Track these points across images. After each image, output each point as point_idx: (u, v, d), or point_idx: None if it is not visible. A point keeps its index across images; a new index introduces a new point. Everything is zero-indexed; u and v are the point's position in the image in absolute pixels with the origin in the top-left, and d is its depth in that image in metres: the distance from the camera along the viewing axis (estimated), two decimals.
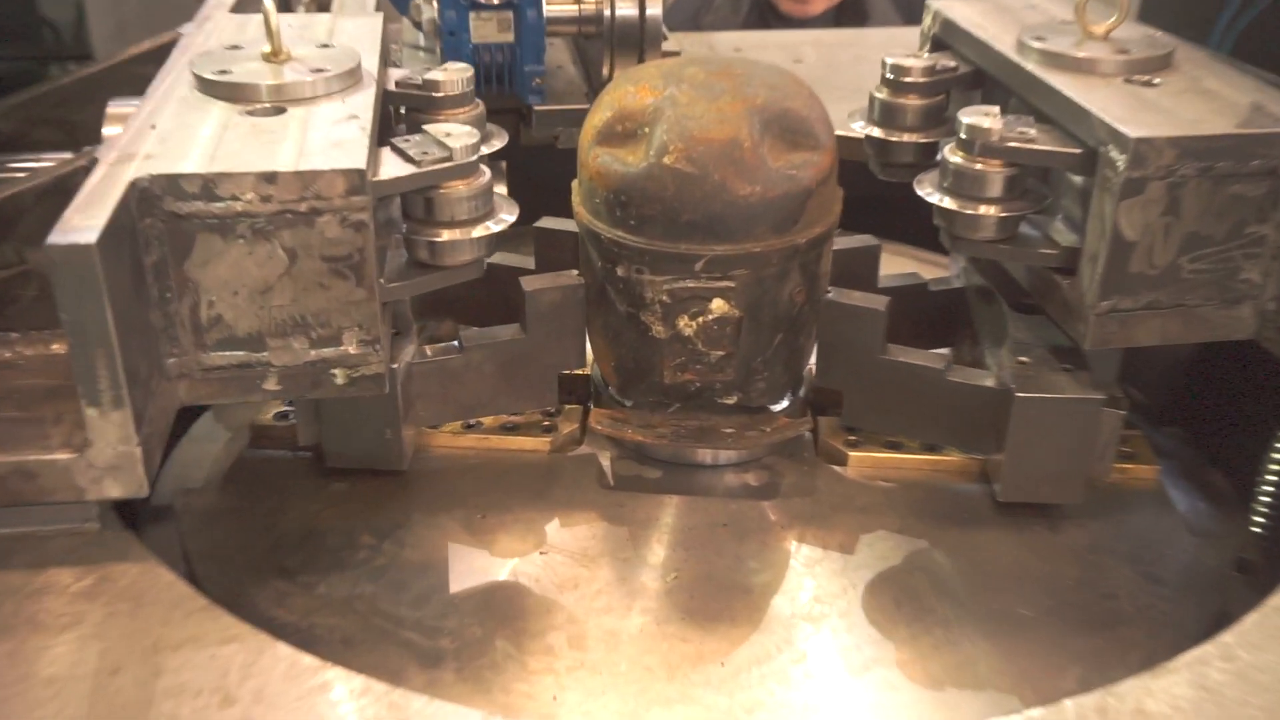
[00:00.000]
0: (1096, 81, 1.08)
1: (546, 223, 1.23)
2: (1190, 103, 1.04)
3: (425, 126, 1.03)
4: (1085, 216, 1.05)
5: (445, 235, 1.02)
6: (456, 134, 1.02)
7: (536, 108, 1.42)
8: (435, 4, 1.37)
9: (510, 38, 1.37)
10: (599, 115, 1.11)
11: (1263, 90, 1.07)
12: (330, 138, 0.95)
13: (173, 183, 0.89)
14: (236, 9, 1.34)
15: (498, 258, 1.27)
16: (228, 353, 0.96)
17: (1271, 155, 0.98)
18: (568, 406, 1.23)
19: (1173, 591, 1.07)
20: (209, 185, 0.89)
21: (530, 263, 1.25)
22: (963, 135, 1.06)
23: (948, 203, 1.08)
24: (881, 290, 1.21)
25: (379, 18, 1.26)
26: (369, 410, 1.10)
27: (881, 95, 1.26)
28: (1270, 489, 1.26)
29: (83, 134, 1.21)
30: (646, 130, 1.07)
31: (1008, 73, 1.17)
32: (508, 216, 1.05)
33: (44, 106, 1.25)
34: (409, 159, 0.99)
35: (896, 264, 1.51)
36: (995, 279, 1.24)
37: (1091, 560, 1.09)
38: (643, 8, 1.39)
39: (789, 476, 1.18)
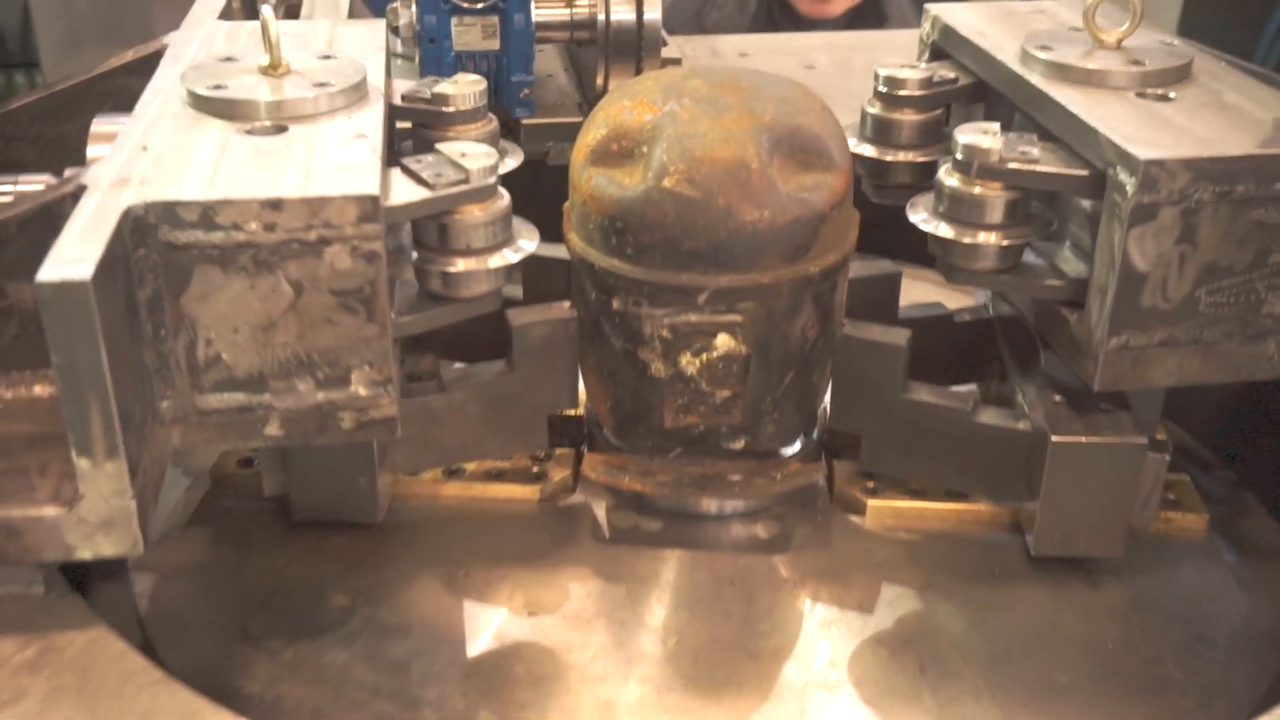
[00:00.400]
0: (1106, 96, 1.01)
1: (537, 249, 1.16)
2: (1208, 119, 0.97)
3: (439, 146, 0.97)
4: (1095, 244, 0.98)
5: (461, 265, 0.96)
6: (472, 154, 0.95)
7: (524, 121, 1.36)
8: (414, 8, 1.30)
9: (496, 45, 1.30)
10: (593, 133, 1.04)
11: None
12: (338, 160, 0.90)
13: (169, 210, 0.83)
14: (224, 15, 1.28)
15: None
16: (227, 395, 0.90)
17: None
18: (559, 451, 1.17)
19: (1225, 654, 1.01)
20: (208, 213, 0.83)
21: (518, 293, 1.18)
22: (959, 155, 0.99)
23: (944, 230, 1.01)
24: (902, 322, 1.14)
25: (381, 25, 1.20)
26: (341, 457, 1.04)
27: (874, 110, 1.18)
28: None
29: (61, 152, 1.15)
30: (645, 150, 1.00)
31: (1010, 85, 1.09)
32: (527, 244, 0.99)
33: (18, 122, 1.20)
34: (422, 182, 0.93)
35: (918, 290, 1.44)
36: (1027, 308, 1.17)
37: (1135, 620, 1.03)
38: (640, 12, 1.33)
39: (801, 528, 1.12)
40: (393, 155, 1.01)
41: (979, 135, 0.98)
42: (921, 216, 1.03)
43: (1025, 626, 1.02)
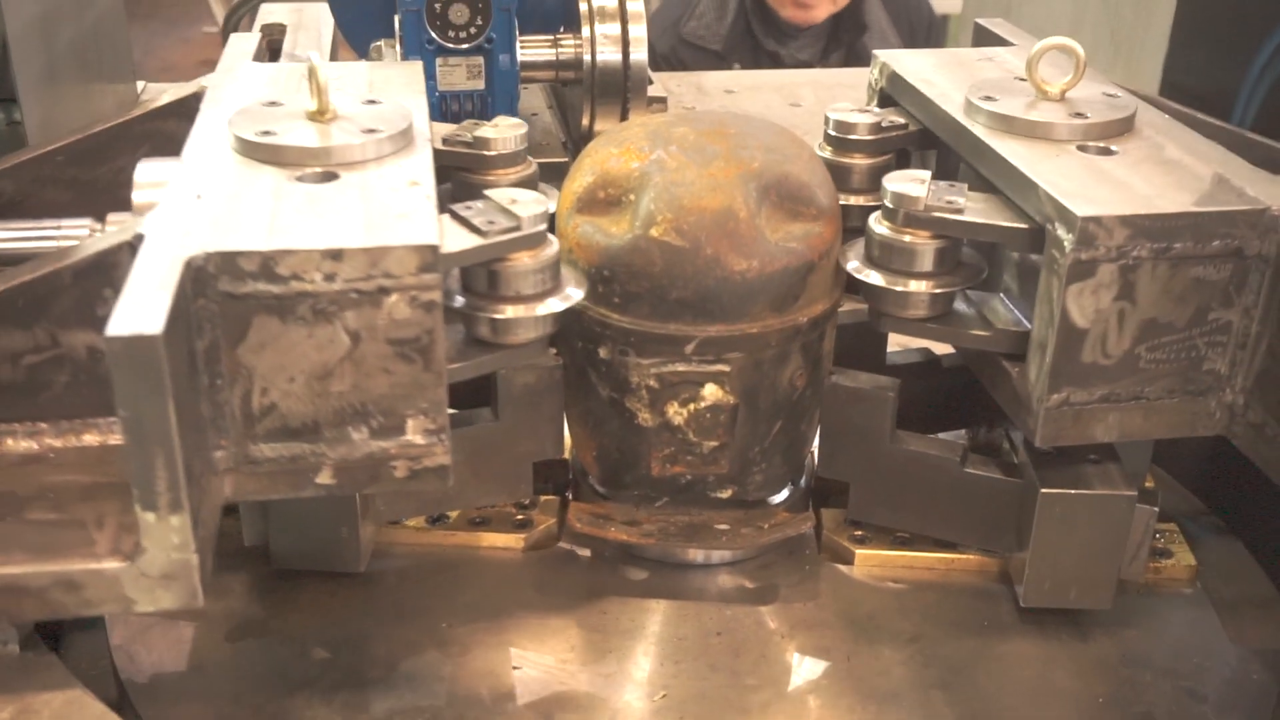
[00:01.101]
0: (1048, 148, 1.00)
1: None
2: (1148, 174, 0.96)
3: (488, 192, 0.97)
4: (1024, 293, 0.98)
5: (510, 311, 0.95)
6: (523, 200, 0.95)
7: None
8: (398, 48, 1.29)
9: (480, 85, 1.30)
10: (579, 180, 1.03)
11: (1229, 160, 0.99)
12: (394, 208, 0.89)
13: (230, 260, 0.82)
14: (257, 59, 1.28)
15: None
16: (280, 444, 0.89)
17: (1234, 235, 0.90)
18: (544, 498, 1.16)
19: (1215, 710, 1.00)
20: (269, 263, 0.82)
21: None
22: (888, 203, 0.99)
23: (874, 277, 1.01)
24: (890, 369, 1.14)
25: (418, 67, 1.19)
26: (322, 505, 1.03)
27: (825, 154, 1.17)
28: None
29: (94, 195, 1.13)
30: (632, 198, 1.00)
31: (954, 135, 1.09)
32: (575, 292, 0.98)
33: (53, 165, 1.17)
34: (474, 229, 0.92)
35: None
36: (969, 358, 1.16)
37: (1125, 674, 1.02)
38: (626, 53, 1.31)
39: (789, 578, 1.11)
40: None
41: (907, 183, 0.99)
42: (853, 264, 1.03)
43: (1015, 680, 1.02)
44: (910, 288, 1.00)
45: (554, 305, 0.96)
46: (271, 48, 1.52)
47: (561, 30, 1.35)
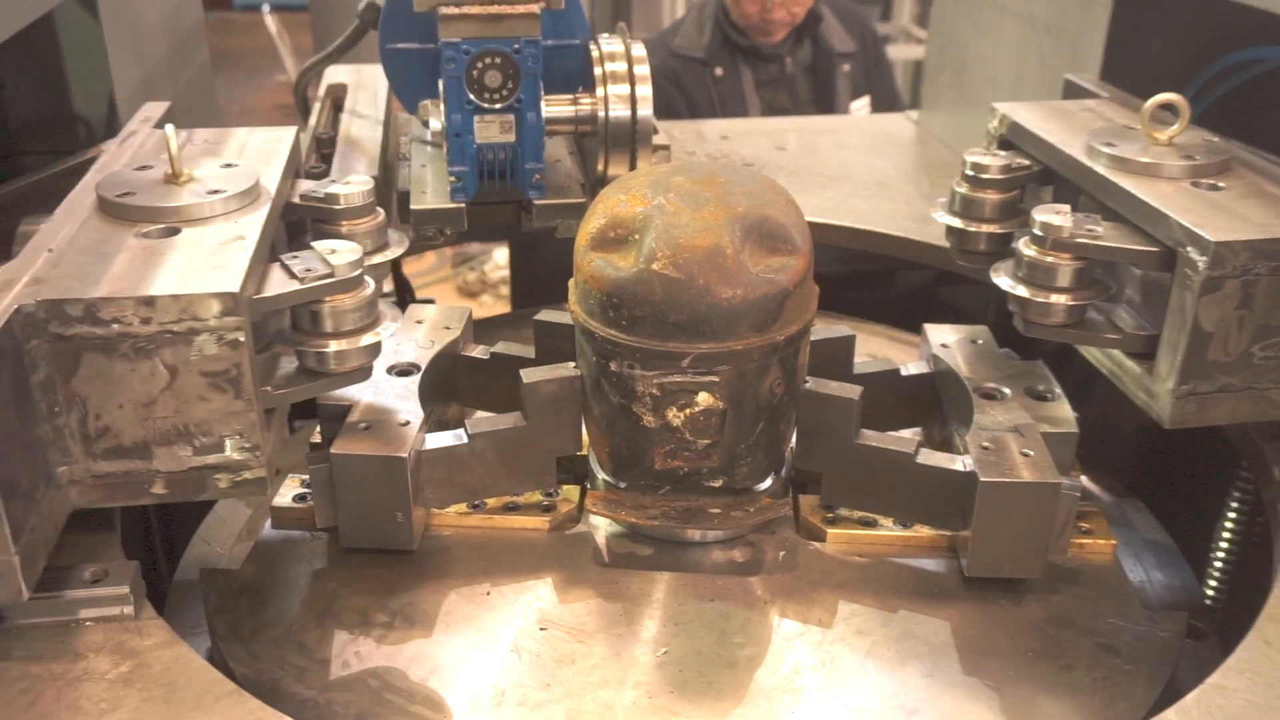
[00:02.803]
0: (1166, 185, 1.12)
1: (546, 315, 1.25)
2: (1256, 206, 1.08)
3: (313, 243, 1.04)
4: (1147, 304, 1.09)
5: (333, 345, 1.02)
6: (341, 250, 1.02)
7: (536, 201, 1.43)
8: (442, 108, 1.38)
9: (512, 138, 1.38)
10: (593, 222, 1.12)
11: None
12: (212, 261, 0.96)
13: (57, 308, 0.90)
14: (161, 124, 1.32)
15: (500, 347, 1.29)
16: (116, 461, 0.96)
17: None
18: (566, 487, 1.24)
19: (1127, 661, 1.07)
20: (92, 309, 0.90)
21: (531, 350, 1.27)
22: (1037, 231, 1.10)
23: (1021, 291, 1.13)
24: (857, 378, 1.22)
25: (289, 131, 1.25)
26: (381, 495, 1.11)
27: (962, 190, 1.30)
28: (1221, 559, 1.28)
29: (7, 245, 1.17)
30: (637, 237, 1.08)
31: (1079, 174, 1.20)
32: (392, 324, 1.06)
33: None
34: (294, 275, 1.00)
35: (873, 344, 1.53)
36: (1096, 357, 1.25)
37: (1051, 633, 1.09)
38: (634, 109, 1.40)
39: (771, 552, 1.19)
40: (298, 246, 1.07)
41: (1052, 215, 1.11)
42: (1005, 281, 1.15)
43: (961, 637, 1.09)
44: (1052, 300, 1.12)
45: (369, 339, 1.04)
46: (335, 105, 1.63)
47: (580, 90, 1.45)
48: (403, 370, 1.23)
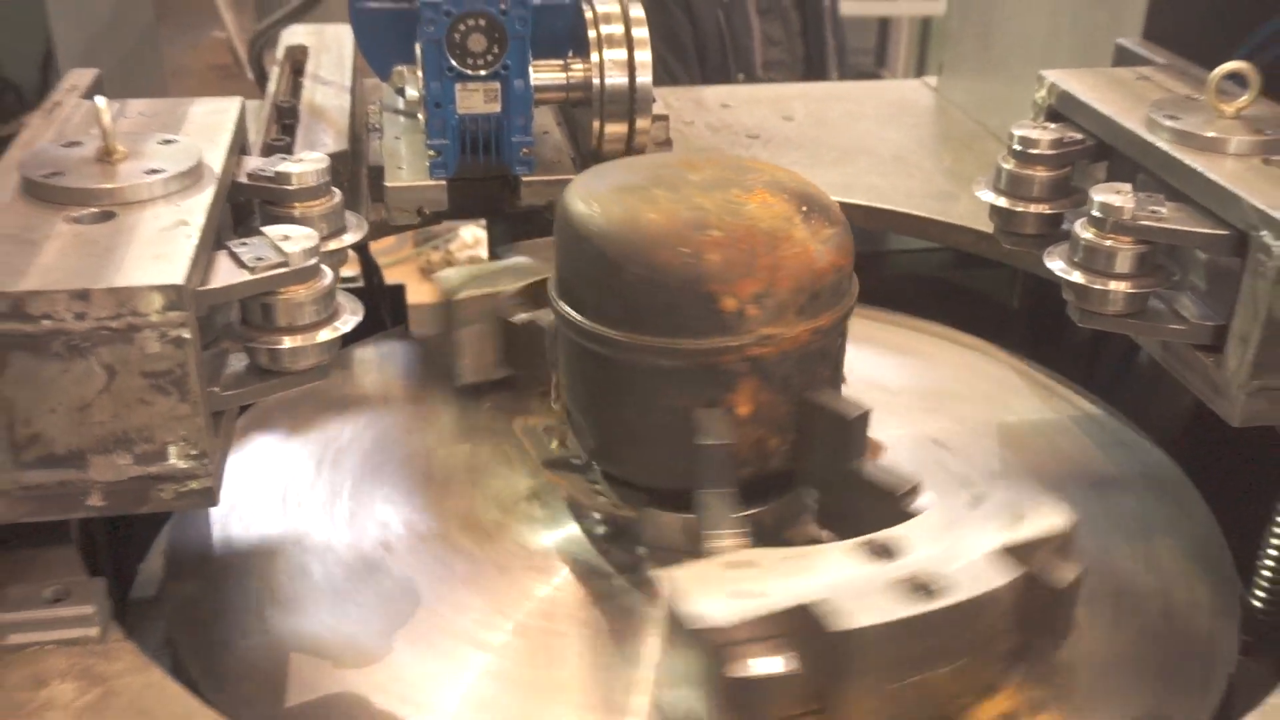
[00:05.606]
0: (1233, 162, 1.06)
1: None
2: None
3: (263, 229, 0.97)
4: (1213, 292, 1.04)
5: (287, 342, 0.96)
6: (295, 236, 0.96)
7: (525, 178, 1.36)
8: (420, 75, 1.30)
9: (497, 108, 1.31)
10: None
11: None
12: (153, 249, 0.90)
13: None
14: (90, 94, 1.23)
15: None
16: (47, 470, 0.91)
17: None
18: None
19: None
20: (19, 304, 0.85)
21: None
22: (1096, 213, 1.04)
23: (1078, 277, 1.06)
24: None
25: (234, 102, 1.18)
26: None
27: (1009, 166, 1.21)
28: (1270, 568, 1.22)
29: None
30: None
31: (1139, 150, 1.13)
32: (352, 318, 0.99)
33: None
34: (243, 264, 0.93)
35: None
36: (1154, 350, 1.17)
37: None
38: (632, 75, 1.33)
39: None
40: (245, 229, 1.02)
41: (1113, 194, 1.03)
42: (1059, 265, 1.08)
43: None
44: (1110, 287, 1.05)
45: (334, 329, 0.97)
46: (295, 69, 1.54)
47: (571, 55, 1.36)
48: None
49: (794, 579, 0.83)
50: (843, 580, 0.84)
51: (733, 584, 0.83)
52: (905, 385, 1.37)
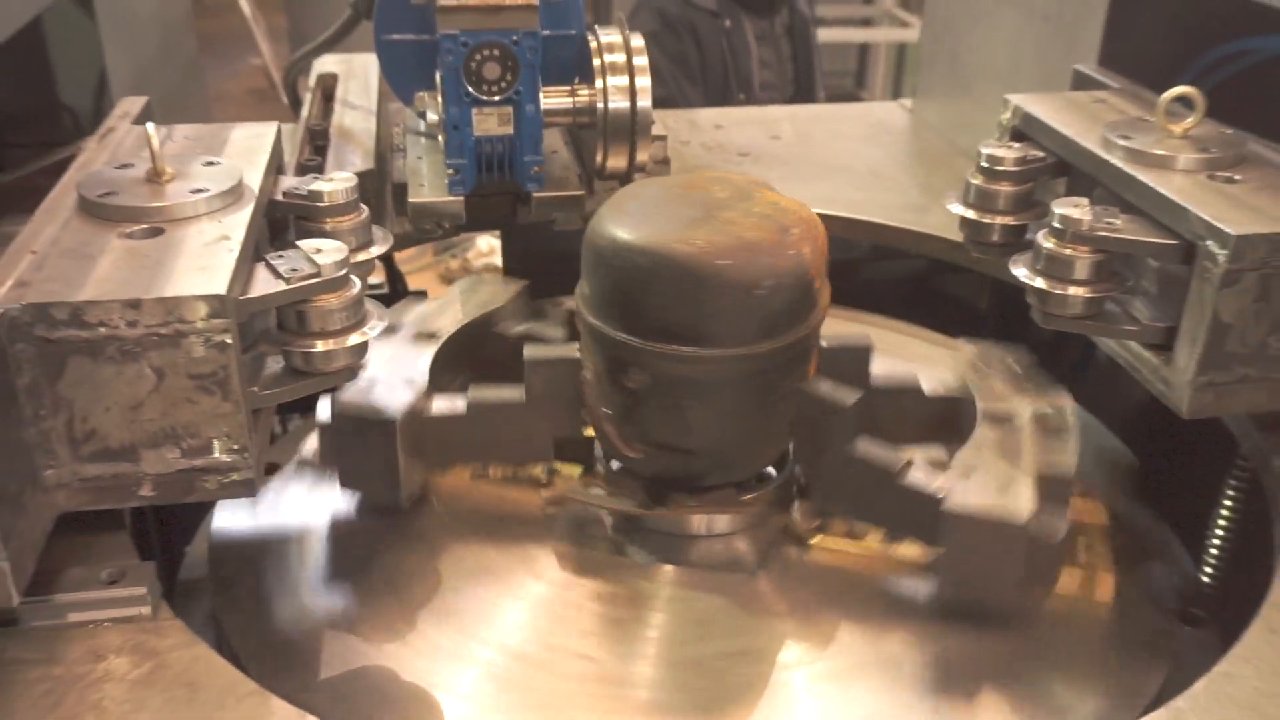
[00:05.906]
0: (1181, 178, 1.14)
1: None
2: (1272, 199, 1.10)
3: (298, 242, 1.04)
4: (1164, 295, 1.11)
5: (319, 345, 1.03)
6: (327, 249, 1.02)
7: (535, 195, 1.45)
8: (440, 100, 1.39)
9: (510, 130, 1.39)
10: None
11: None
12: (198, 262, 0.96)
13: (42, 311, 0.90)
14: (140, 120, 1.30)
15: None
16: (103, 464, 0.97)
17: None
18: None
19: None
20: (77, 313, 0.90)
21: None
22: (1056, 224, 1.13)
23: (1040, 283, 1.15)
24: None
25: (271, 127, 1.26)
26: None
27: (977, 181, 1.31)
28: (1217, 545, 1.32)
29: None
30: None
31: (1096, 167, 1.22)
32: (379, 323, 1.07)
33: None
34: (279, 275, 1.00)
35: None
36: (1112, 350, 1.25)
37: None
38: (634, 101, 1.41)
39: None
40: (281, 242, 1.08)
41: (1071, 208, 1.13)
42: (1023, 272, 1.17)
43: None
44: (1070, 292, 1.14)
45: (356, 339, 1.04)
46: (326, 95, 1.64)
47: (577, 81, 1.46)
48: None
49: None
50: None
51: None
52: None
